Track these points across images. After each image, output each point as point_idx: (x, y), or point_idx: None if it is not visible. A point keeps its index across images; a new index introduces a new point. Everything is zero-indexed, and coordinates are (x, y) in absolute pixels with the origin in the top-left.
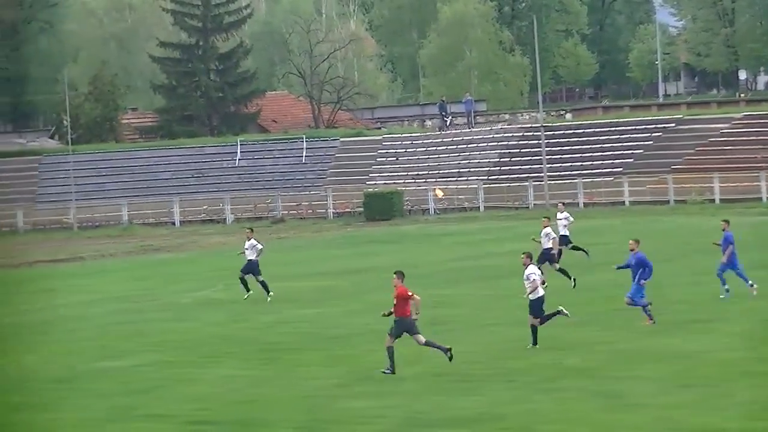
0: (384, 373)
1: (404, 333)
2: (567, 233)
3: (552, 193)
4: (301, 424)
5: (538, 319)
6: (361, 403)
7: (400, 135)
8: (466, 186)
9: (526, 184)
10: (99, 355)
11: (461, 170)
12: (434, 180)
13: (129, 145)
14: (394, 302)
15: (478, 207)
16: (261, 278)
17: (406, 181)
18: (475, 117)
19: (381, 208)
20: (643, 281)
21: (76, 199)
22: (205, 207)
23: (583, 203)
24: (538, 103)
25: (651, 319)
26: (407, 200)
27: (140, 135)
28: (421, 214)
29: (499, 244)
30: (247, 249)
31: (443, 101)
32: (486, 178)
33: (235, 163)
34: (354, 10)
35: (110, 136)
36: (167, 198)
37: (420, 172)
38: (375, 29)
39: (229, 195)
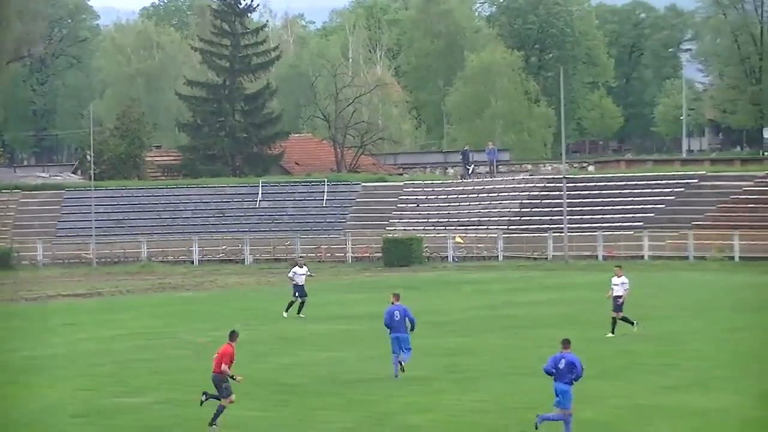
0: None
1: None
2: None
3: (572, 245)
4: None
5: None
6: None
7: (421, 182)
8: (486, 235)
9: (546, 235)
10: (117, 391)
11: (481, 219)
12: (454, 228)
13: (151, 182)
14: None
15: (497, 256)
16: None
17: (426, 227)
18: (497, 166)
19: (400, 254)
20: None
21: (96, 235)
22: (224, 247)
23: (603, 256)
24: (561, 154)
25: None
26: (426, 247)
27: (163, 173)
28: (440, 262)
29: (517, 294)
30: None
31: (467, 149)
32: (506, 227)
33: (256, 204)
34: (381, 56)
35: (133, 173)
36: (187, 236)
37: (440, 220)
38: (401, 75)
39: (248, 236)
